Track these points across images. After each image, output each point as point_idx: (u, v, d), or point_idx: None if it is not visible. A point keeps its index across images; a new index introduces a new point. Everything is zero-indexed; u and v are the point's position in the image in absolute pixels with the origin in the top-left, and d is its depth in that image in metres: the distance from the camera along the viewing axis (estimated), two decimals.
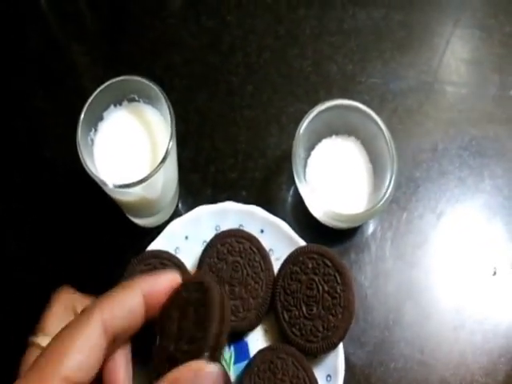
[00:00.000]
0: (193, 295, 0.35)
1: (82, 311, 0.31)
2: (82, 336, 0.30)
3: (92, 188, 0.56)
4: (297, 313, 0.48)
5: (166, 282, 0.35)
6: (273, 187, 0.58)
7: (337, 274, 0.48)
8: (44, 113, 0.60)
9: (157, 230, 0.54)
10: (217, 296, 0.35)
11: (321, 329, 0.47)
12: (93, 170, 0.44)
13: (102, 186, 0.45)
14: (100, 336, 0.31)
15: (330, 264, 0.48)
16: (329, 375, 0.48)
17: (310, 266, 0.49)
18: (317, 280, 0.48)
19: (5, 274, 0.55)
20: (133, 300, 0.34)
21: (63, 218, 0.57)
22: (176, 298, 0.36)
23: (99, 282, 0.53)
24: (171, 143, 0.44)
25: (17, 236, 0.56)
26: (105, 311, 0.31)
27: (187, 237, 0.52)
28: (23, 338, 0.35)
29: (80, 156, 0.43)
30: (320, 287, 0.48)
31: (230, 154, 0.59)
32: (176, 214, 0.56)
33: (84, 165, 0.43)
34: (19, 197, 0.57)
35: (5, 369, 0.43)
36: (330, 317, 0.47)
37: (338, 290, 0.47)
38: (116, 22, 0.63)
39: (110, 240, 0.56)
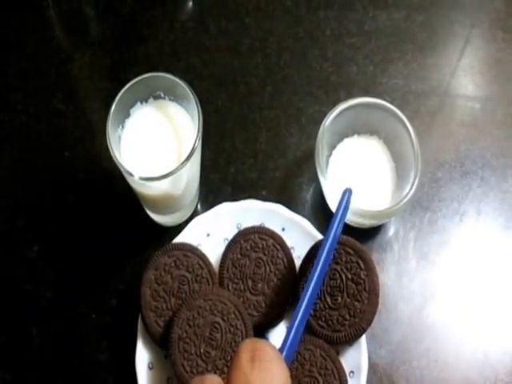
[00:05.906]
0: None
1: None
2: None
3: (111, 188, 0.61)
4: (321, 305, 0.52)
5: None
6: (293, 187, 0.62)
7: (359, 260, 0.51)
8: (63, 114, 0.64)
9: (176, 230, 0.59)
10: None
11: (347, 317, 0.51)
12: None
13: (128, 178, 0.49)
14: None
15: (351, 251, 0.52)
16: (352, 371, 0.52)
17: (331, 256, 0.52)
18: (339, 269, 0.52)
19: (24, 273, 0.59)
20: None
21: (82, 217, 0.61)
22: None
23: (119, 279, 0.58)
24: (198, 139, 0.48)
25: (38, 235, 0.60)
26: None
27: (209, 234, 0.56)
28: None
29: (111, 152, 0.47)
30: (343, 275, 0.52)
31: (249, 154, 0.63)
32: (196, 214, 0.60)
33: (114, 158, 0.47)
34: (40, 197, 0.62)
35: None
36: (356, 303, 0.51)
37: (362, 276, 0.51)
38: (135, 25, 0.68)
39: (130, 239, 0.60)
